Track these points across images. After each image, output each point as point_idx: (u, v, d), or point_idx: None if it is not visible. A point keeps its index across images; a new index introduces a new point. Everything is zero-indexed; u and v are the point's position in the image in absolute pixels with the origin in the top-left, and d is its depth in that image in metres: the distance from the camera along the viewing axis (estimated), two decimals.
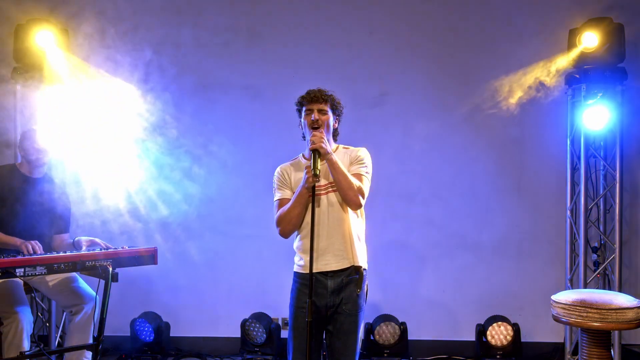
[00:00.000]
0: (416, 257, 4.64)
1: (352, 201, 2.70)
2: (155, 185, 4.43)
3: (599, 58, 4.12)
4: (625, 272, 4.43)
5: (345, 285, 2.73)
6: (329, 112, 2.81)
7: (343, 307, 2.73)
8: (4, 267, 2.83)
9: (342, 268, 2.72)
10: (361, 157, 2.83)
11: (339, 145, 2.93)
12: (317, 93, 2.80)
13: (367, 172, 2.83)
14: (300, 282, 2.79)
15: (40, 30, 4.10)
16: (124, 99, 4.27)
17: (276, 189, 2.87)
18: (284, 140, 4.42)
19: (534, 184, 4.59)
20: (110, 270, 3.08)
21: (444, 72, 4.59)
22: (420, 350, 4.50)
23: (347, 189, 2.68)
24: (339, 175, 2.67)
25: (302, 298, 2.73)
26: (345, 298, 2.72)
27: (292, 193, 2.81)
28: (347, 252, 2.73)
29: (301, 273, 2.79)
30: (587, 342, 3.02)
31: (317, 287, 2.72)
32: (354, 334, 2.74)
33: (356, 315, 2.75)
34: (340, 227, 2.73)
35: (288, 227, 2.77)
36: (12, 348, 3.28)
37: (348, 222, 2.75)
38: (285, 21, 4.65)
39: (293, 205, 2.73)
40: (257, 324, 4.31)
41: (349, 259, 2.73)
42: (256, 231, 4.56)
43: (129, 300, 4.44)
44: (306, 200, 2.70)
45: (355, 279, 2.74)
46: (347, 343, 2.73)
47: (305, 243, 2.73)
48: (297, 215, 2.73)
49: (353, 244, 2.74)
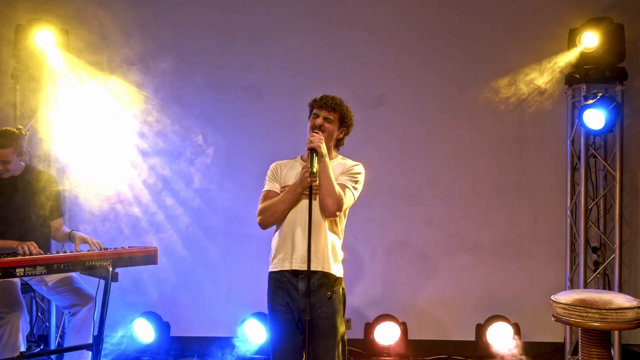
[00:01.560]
0: (416, 257, 4.63)
1: (327, 208, 2.68)
2: (155, 185, 4.43)
3: (599, 58, 4.12)
4: (625, 272, 4.43)
5: (318, 288, 2.71)
6: (336, 122, 2.82)
7: (318, 311, 2.71)
8: (4, 267, 2.83)
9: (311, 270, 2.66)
10: (354, 171, 2.83)
11: (339, 155, 2.93)
12: (329, 100, 2.81)
13: (355, 187, 2.80)
14: (272, 283, 2.79)
15: (40, 30, 4.10)
16: (124, 98, 4.27)
17: (267, 180, 2.91)
18: (284, 140, 4.45)
19: (534, 184, 4.59)
20: (110, 270, 3.08)
21: (444, 72, 4.59)
22: (420, 350, 4.49)
23: (326, 194, 2.66)
24: (325, 180, 2.66)
25: (276, 299, 2.76)
26: (318, 302, 2.71)
27: (279, 187, 2.83)
28: (317, 257, 2.70)
29: (271, 272, 2.80)
30: (587, 342, 3.01)
31: (289, 288, 2.73)
32: (332, 337, 2.72)
33: (333, 319, 2.73)
34: (316, 230, 2.70)
35: (270, 219, 2.79)
36: (7, 348, 3.27)
37: (325, 228, 2.74)
38: (285, 21, 4.64)
39: (282, 199, 2.75)
40: (257, 324, 4.30)
41: (319, 263, 2.71)
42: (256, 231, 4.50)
43: (129, 300, 4.44)
44: (297, 197, 2.72)
45: (326, 283, 2.73)
46: (327, 347, 2.72)
47: (281, 239, 2.76)
48: (282, 211, 2.75)
49: (326, 250, 2.73)
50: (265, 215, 2.79)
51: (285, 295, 2.73)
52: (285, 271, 2.73)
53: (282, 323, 2.75)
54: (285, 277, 2.73)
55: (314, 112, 2.83)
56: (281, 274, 2.75)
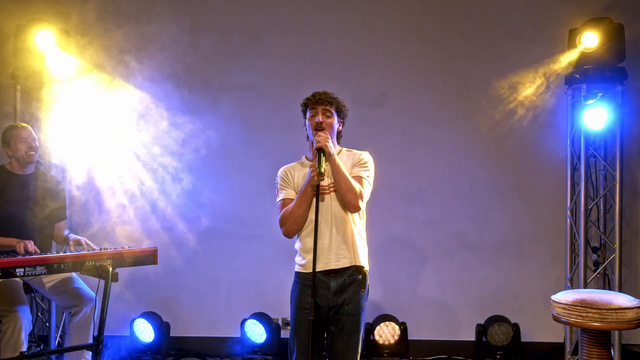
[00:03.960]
0: (416, 257, 4.64)
1: (350, 204, 2.69)
2: (155, 185, 4.43)
3: (599, 58, 4.12)
4: (625, 272, 4.43)
5: (348, 285, 2.73)
6: (334, 115, 2.81)
7: (345, 308, 2.72)
8: (4, 267, 2.84)
9: (344, 267, 2.72)
10: (364, 160, 2.84)
11: (342, 148, 2.92)
12: (322, 95, 2.80)
13: (369, 175, 2.83)
14: (302, 283, 2.78)
15: (40, 30, 4.10)
16: (124, 99, 4.27)
17: (279, 189, 2.86)
18: (284, 140, 4.45)
19: (534, 184, 4.59)
20: (110, 270, 3.08)
21: (444, 72, 4.59)
22: (420, 350, 4.50)
23: (346, 191, 2.67)
24: (340, 177, 2.67)
25: (304, 299, 2.72)
26: (348, 298, 2.72)
27: (295, 193, 2.79)
28: (348, 252, 2.72)
29: (302, 273, 2.78)
30: (587, 342, 3.01)
31: (319, 287, 2.71)
32: (356, 334, 2.74)
33: (358, 316, 2.75)
34: (342, 226, 2.73)
35: (293, 227, 2.75)
36: (9, 347, 3.28)
37: (350, 222, 2.75)
38: (285, 21, 4.64)
39: (297, 203, 2.72)
40: (257, 324, 4.31)
41: (351, 258, 2.73)
42: (256, 231, 4.56)
43: (129, 300, 4.43)
44: (310, 198, 2.69)
45: (358, 279, 2.74)
46: (350, 343, 2.73)
47: (307, 242, 2.73)
48: (301, 214, 2.72)
49: (355, 244, 2.74)
50: (287, 225, 2.75)
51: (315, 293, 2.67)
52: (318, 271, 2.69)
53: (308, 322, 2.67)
54: (316, 277, 2.66)
55: (310, 111, 2.82)
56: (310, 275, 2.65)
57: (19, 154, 3.54)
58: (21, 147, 3.53)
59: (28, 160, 3.57)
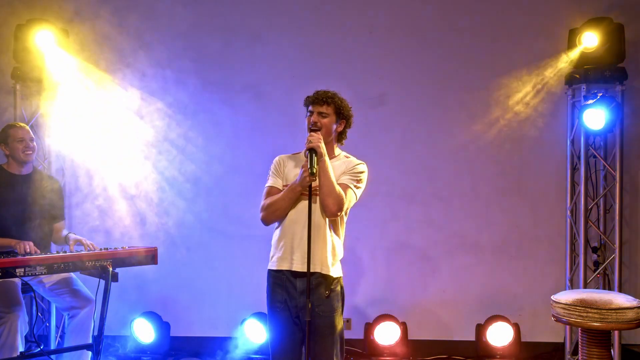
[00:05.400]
0: (416, 257, 4.63)
1: (327, 208, 2.67)
2: (155, 186, 4.42)
3: (599, 58, 4.12)
4: (625, 272, 4.43)
5: (315, 287, 2.71)
6: (332, 116, 2.78)
7: (316, 310, 2.70)
8: (4, 267, 2.83)
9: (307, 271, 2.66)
10: (358, 170, 2.80)
11: (342, 153, 2.90)
12: (321, 95, 2.78)
13: (357, 186, 2.78)
14: (272, 281, 2.80)
15: (40, 30, 4.09)
16: (124, 99, 4.27)
17: (270, 175, 2.89)
18: (284, 140, 4.43)
19: (534, 184, 4.59)
20: (110, 270, 3.09)
21: (444, 72, 4.59)
22: (420, 350, 4.49)
23: (327, 194, 2.65)
24: (325, 180, 2.65)
25: (275, 297, 2.76)
26: (316, 300, 2.70)
27: (282, 183, 2.82)
28: (315, 258, 2.68)
29: (272, 270, 2.80)
30: (587, 342, 3.01)
31: (288, 286, 2.73)
32: (330, 335, 2.73)
33: (331, 317, 2.73)
34: (316, 231, 2.70)
35: (272, 217, 2.78)
36: (5, 348, 3.26)
37: (325, 228, 2.73)
38: (285, 21, 4.64)
39: (282, 198, 2.74)
40: (257, 324, 4.30)
41: (317, 265, 2.70)
42: (256, 231, 4.51)
43: (129, 300, 4.44)
44: (296, 196, 2.71)
45: (324, 282, 2.72)
46: (325, 345, 2.72)
47: (280, 238, 2.76)
48: (283, 209, 2.74)
49: (325, 252, 2.72)
50: (267, 212, 2.78)
51: (284, 293, 2.74)
52: (285, 270, 2.73)
53: (280, 320, 2.76)
54: (284, 276, 2.74)
55: (308, 109, 2.81)
56: (280, 272, 2.75)
57: (16, 154, 3.53)
58: (18, 147, 3.52)
59: (25, 159, 3.55)
